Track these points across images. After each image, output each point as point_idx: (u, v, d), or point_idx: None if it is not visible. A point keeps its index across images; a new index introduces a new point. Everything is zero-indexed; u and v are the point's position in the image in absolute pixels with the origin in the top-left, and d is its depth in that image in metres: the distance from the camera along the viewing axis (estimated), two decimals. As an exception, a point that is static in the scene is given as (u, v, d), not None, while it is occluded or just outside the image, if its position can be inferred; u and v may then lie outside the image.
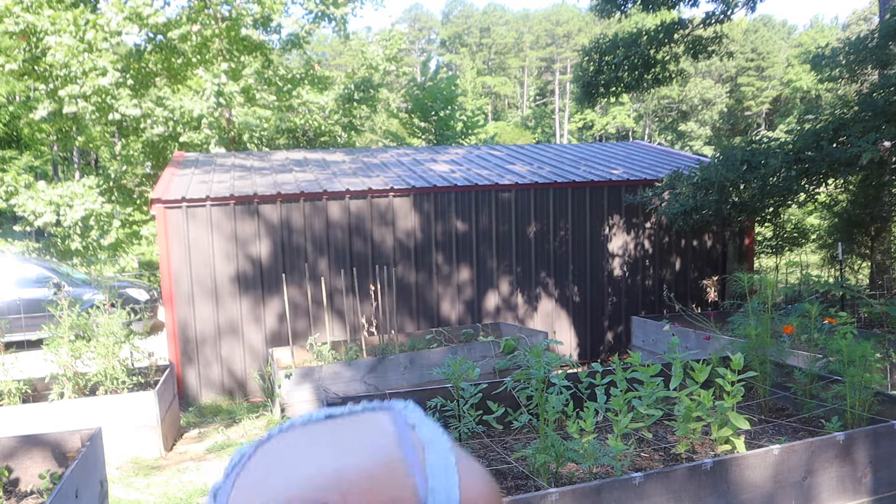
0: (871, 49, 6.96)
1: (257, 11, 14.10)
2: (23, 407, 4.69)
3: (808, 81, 37.02)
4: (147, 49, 14.26)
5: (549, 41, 60.64)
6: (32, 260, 10.90)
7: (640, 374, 3.29)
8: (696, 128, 43.47)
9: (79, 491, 2.88)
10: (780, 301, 6.81)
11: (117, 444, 4.82)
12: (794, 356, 4.45)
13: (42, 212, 12.60)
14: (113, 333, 5.08)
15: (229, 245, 7.06)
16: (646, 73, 10.33)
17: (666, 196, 7.31)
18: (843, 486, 2.98)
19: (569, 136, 51.33)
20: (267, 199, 7.18)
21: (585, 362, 7.90)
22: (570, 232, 8.08)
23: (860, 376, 3.36)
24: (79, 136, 16.60)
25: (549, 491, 2.46)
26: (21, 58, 13.22)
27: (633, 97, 40.50)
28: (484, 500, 0.61)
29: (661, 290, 8.26)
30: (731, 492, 2.72)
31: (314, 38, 16.66)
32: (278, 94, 15.35)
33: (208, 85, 12.95)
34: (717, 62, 39.16)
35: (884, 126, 5.89)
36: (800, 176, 6.38)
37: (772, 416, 3.76)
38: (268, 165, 9.22)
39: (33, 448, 3.30)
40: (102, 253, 14.60)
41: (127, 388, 5.01)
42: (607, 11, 10.27)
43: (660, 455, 3.20)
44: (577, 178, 8.19)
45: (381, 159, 9.83)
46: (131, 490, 4.44)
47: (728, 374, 3.15)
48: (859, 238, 8.95)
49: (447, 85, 20.68)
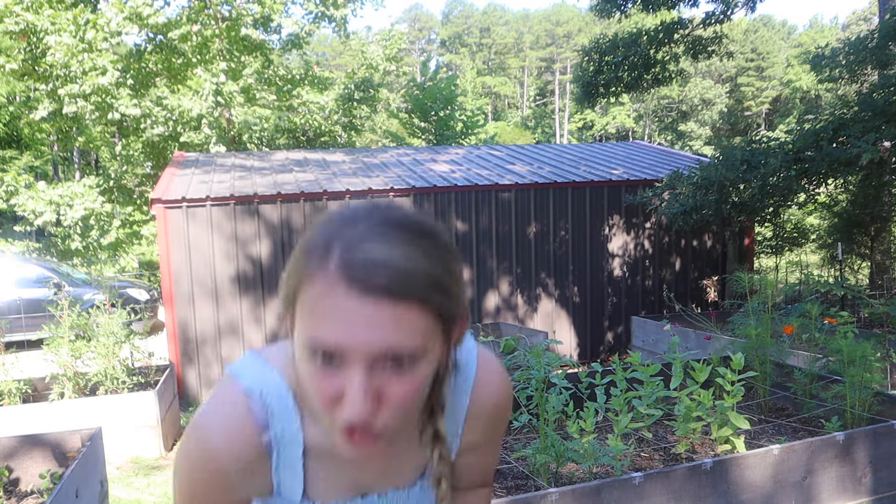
0: (871, 49, 6.96)
1: (257, 11, 14.10)
2: (23, 407, 4.69)
3: (808, 81, 37.03)
4: (147, 49, 14.26)
5: (549, 41, 60.64)
6: (32, 260, 10.90)
7: (640, 374, 3.29)
8: (696, 128, 43.47)
9: (79, 491, 2.88)
10: (780, 301, 6.81)
11: (117, 444, 4.82)
12: (795, 356, 4.45)
13: (42, 211, 12.60)
14: (113, 333, 5.08)
15: (229, 245, 7.06)
16: (646, 73, 10.34)
17: (666, 196, 7.31)
18: (843, 486, 2.98)
19: (569, 136, 51.33)
20: (267, 199, 7.18)
21: (585, 362, 7.91)
22: (570, 232, 8.08)
23: (860, 376, 3.37)
24: (79, 136, 16.61)
25: (549, 491, 2.47)
26: (21, 58, 13.22)
27: (633, 97, 40.49)
28: (497, 373, 1.01)
29: (661, 290, 8.26)
30: (731, 492, 2.73)
31: (314, 38, 16.67)
32: (278, 94, 15.35)
33: (207, 84, 12.94)
34: (717, 62, 39.18)
35: (884, 126, 5.89)
36: (800, 176, 6.38)
37: (772, 416, 3.76)
38: (268, 165, 9.23)
39: (33, 448, 3.30)
40: (102, 253, 14.60)
41: (127, 388, 5.01)
42: (607, 11, 10.27)
43: (660, 455, 3.20)
44: (577, 178, 8.19)
45: (381, 159, 9.83)
46: (131, 490, 4.44)
47: (728, 374, 3.15)
48: (859, 238, 8.95)
49: (447, 85, 20.68)
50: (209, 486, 0.89)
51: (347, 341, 0.71)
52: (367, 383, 0.72)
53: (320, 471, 0.93)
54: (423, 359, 0.75)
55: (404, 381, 0.74)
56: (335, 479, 0.95)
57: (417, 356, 0.74)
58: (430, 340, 0.75)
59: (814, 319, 4.14)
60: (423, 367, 0.76)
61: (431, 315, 0.74)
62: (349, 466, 0.95)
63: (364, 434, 0.76)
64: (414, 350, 0.73)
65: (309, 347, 0.74)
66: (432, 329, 0.75)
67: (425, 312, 0.73)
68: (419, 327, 0.73)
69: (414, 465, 0.99)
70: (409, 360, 0.74)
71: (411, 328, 0.72)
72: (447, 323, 0.78)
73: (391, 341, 0.71)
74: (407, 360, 0.73)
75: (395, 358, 0.73)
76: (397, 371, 0.74)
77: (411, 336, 0.72)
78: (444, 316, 0.76)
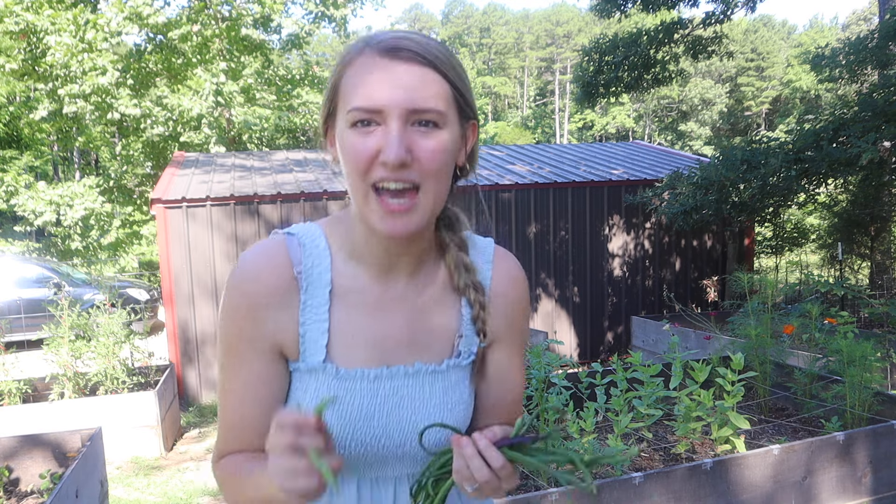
0: (871, 49, 6.95)
1: (257, 11, 14.09)
2: (23, 407, 4.69)
3: (808, 81, 37.03)
4: (147, 49, 14.25)
5: (549, 41, 60.60)
6: (32, 260, 10.90)
7: (640, 374, 3.29)
8: (696, 128, 43.45)
9: (79, 491, 2.88)
10: (780, 301, 6.82)
11: (117, 444, 4.82)
12: (795, 356, 4.45)
13: (42, 211, 12.60)
14: (113, 333, 5.07)
15: (229, 245, 7.06)
16: (646, 73, 10.33)
17: (666, 196, 7.30)
18: (843, 486, 2.98)
19: (569, 136, 51.32)
20: (267, 199, 7.18)
21: (585, 362, 7.90)
22: (570, 232, 8.08)
23: (860, 376, 3.37)
24: (79, 136, 16.60)
25: (549, 491, 2.47)
26: (21, 58, 13.22)
27: (633, 97, 40.49)
28: (513, 259, 1.10)
29: (661, 290, 8.26)
30: (730, 492, 2.73)
31: (314, 38, 16.66)
32: (278, 94, 15.35)
33: (207, 84, 12.94)
34: (717, 62, 39.17)
35: (884, 126, 5.89)
36: (800, 176, 6.38)
37: (772, 416, 3.76)
38: (268, 165, 9.22)
39: (33, 448, 3.30)
40: (102, 253, 14.60)
41: (127, 388, 5.01)
42: (607, 11, 10.26)
43: (660, 455, 3.20)
44: (577, 178, 8.19)
45: (381, 159, 9.82)
46: (131, 490, 4.44)
47: (728, 374, 3.15)
48: (859, 238, 8.95)
49: (447, 85, 20.64)
50: (242, 315, 0.95)
51: (385, 97, 0.86)
52: (402, 131, 0.86)
53: (346, 323, 0.97)
54: (445, 128, 0.89)
55: (430, 139, 0.88)
56: (360, 337, 0.98)
57: (440, 122, 0.88)
58: (450, 112, 0.90)
59: (814, 319, 4.14)
60: (445, 136, 0.89)
61: (450, 89, 0.90)
62: (375, 323, 0.98)
63: (400, 213, 0.88)
64: (437, 112, 0.88)
65: (351, 120, 0.88)
66: (451, 102, 0.90)
67: (446, 83, 0.89)
68: (441, 92, 0.89)
69: (442, 343, 1.02)
70: (434, 123, 0.88)
71: (435, 91, 0.88)
72: (463, 110, 0.93)
73: (419, 98, 0.86)
74: (432, 121, 0.88)
75: (422, 112, 0.87)
76: (424, 130, 0.88)
77: (435, 98, 0.88)
78: (459, 100, 0.92)
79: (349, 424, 0.96)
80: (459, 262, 1.01)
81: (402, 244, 0.96)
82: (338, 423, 0.95)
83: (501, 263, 1.07)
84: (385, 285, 0.99)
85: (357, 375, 0.96)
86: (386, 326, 0.99)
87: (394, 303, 1.00)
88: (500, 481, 0.85)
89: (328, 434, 0.81)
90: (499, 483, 0.85)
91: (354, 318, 0.98)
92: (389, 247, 0.96)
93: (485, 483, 0.84)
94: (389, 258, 0.98)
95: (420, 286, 1.01)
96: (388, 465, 1.00)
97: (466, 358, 1.02)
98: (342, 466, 0.80)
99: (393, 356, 0.99)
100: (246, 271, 0.95)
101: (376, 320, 0.98)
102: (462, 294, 1.01)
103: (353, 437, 0.96)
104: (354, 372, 0.96)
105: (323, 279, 0.97)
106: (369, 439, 0.97)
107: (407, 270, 1.00)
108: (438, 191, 0.91)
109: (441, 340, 1.02)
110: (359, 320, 0.98)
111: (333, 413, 0.95)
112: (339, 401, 0.95)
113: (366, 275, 0.99)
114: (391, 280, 1.00)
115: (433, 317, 1.01)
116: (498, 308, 1.04)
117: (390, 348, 0.99)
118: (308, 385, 0.97)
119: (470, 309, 1.02)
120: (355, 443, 0.96)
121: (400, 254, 0.98)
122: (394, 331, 0.99)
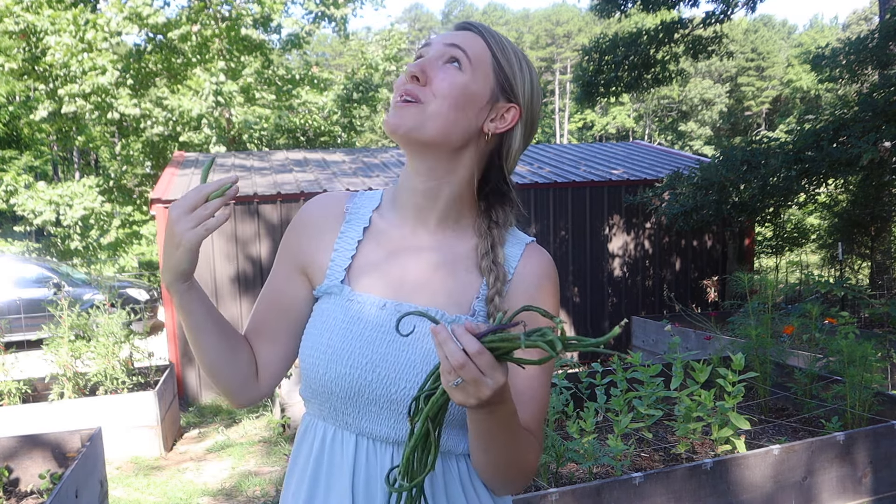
0: (871, 49, 6.95)
1: (257, 11, 14.09)
2: (23, 407, 4.69)
3: (808, 81, 37.02)
4: (147, 49, 14.25)
5: (549, 41, 60.61)
6: (32, 260, 10.89)
7: (640, 374, 3.28)
8: (696, 128, 43.43)
9: (79, 491, 2.88)
10: (780, 301, 6.81)
11: (117, 444, 4.82)
12: (795, 356, 4.44)
13: (42, 211, 12.60)
14: (113, 333, 5.07)
15: (229, 245, 7.06)
16: (646, 73, 10.33)
17: (666, 196, 7.30)
18: (843, 486, 2.98)
19: (569, 136, 51.33)
20: (267, 199, 7.17)
21: (585, 362, 7.90)
22: (570, 232, 8.08)
23: (860, 376, 3.36)
24: (79, 136, 16.59)
25: (549, 491, 2.46)
26: (21, 58, 13.21)
27: (633, 97, 40.48)
28: (545, 253, 1.16)
29: (661, 290, 8.26)
30: (731, 492, 2.72)
31: (314, 38, 16.66)
32: (278, 94, 15.34)
33: (207, 84, 12.93)
34: (717, 62, 39.17)
35: (884, 126, 5.88)
36: (800, 176, 6.37)
37: (772, 417, 3.76)
38: (268, 165, 9.22)
39: (33, 448, 3.29)
40: (102, 253, 14.60)
41: (127, 389, 5.01)
42: (607, 11, 10.26)
43: (660, 455, 3.19)
44: (577, 178, 8.18)
45: (381, 159, 9.83)
46: (131, 490, 4.44)
47: (729, 375, 3.14)
48: (859, 238, 8.94)
49: (447, 85, 20.62)
50: (294, 229, 1.15)
51: (434, 39, 1.05)
52: (429, 58, 1.02)
53: (370, 255, 1.09)
54: (466, 73, 1.01)
55: (449, 72, 1.00)
56: (380, 271, 1.08)
57: (463, 63, 1.01)
58: (480, 68, 1.02)
59: (814, 319, 4.14)
60: (463, 76, 1.01)
61: (491, 58, 1.03)
62: (397, 262, 1.08)
63: (397, 110, 1.01)
64: (462, 51, 1.01)
65: (415, 56, 1.06)
66: (488, 66, 1.03)
67: (488, 51, 1.03)
68: (476, 47, 1.02)
69: (460, 297, 1.07)
70: (461, 63, 1.01)
71: (473, 43, 1.03)
72: (501, 84, 1.04)
73: (455, 40, 1.03)
74: (457, 59, 1.01)
75: (451, 47, 1.02)
76: (448, 67, 1.01)
77: (471, 46, 1.02)
78: (500, 74, 1.04)
79: (350, 343, 1.02)
80: (491, 239, 1.08)
81: (419, 173, 1.06)
82: (340, 342, 1.02)
83: (533, 252, 1.12)
84: (414, 231, 1.09)
85: (366, 300, 1.04)
86: (407, 268, 1.07)
87: (420, 250, 1.08)
88: (480, 373, 0.80)
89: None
90: (479, 374, 0.80)
91: (379, 254, 1.08)
92: (416, 189, 1.07)
93: (461, 369, 0.80)
94: (419, 206, 1.08)
95: (449, 244, 1.09)
96: (382, 414, 1.02)
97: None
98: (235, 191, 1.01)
99: (408, 296, 1.05)
100: (311, 201, 1.16)
101: (399, 260, 1.08)
102: (483, 274, 1.06)
103: (352, 359, 1.01)
104: (365, 297, 1.05)
105: (363, 217, 1.11)
106: (367, 364, 1.01)
107: (435, 221, 1.09)
108: (439, 114, 1.00)
109: (458, 297, 1.06)
110: (382, 256, 1.08)
111: (338, 330, 1.03)
112: (347, 320, 1.04)
113: (400, 220, 1.11)
114: (420, 228, 1.09)
115: (455, 275, 1.07)
116: (518, 288, 1.08)
117: (406, 289, 1.05)
118: (323, 305, 1.08)
119: (487, 289, 1.05)
120: (354, 367, 1.01)
121: (428, 201, 1.08)
122: (414, 275, 1.06)
